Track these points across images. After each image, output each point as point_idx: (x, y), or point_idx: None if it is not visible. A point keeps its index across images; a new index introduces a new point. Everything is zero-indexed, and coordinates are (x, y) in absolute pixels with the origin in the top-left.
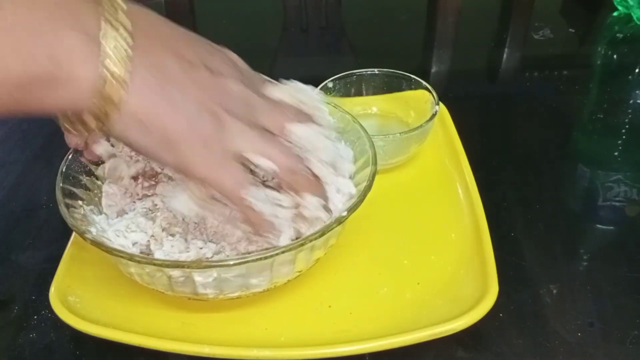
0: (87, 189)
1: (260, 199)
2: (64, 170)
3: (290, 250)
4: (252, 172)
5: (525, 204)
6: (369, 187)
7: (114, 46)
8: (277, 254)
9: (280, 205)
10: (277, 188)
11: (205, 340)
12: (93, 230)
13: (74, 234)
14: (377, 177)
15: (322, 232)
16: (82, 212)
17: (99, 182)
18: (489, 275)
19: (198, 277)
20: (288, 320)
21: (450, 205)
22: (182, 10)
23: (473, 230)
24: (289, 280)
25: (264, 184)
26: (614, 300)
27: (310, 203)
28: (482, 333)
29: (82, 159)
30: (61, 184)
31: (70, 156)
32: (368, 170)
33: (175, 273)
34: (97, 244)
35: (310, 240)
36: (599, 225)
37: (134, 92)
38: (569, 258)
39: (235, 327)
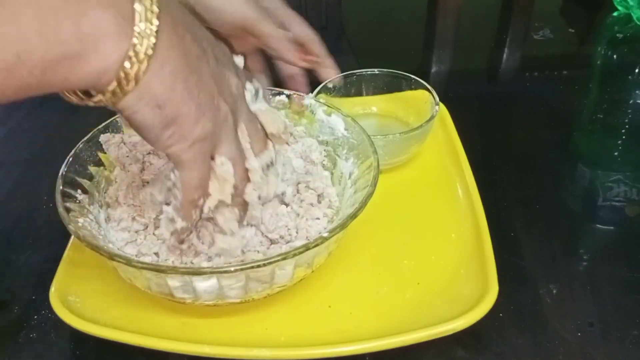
0: (86, 192)
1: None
2: (64, 173)
3: (291, 256)
4: None
5: (525, 204)
6: (371, 194)
7: (144, 27)
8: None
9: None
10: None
11: (205, 340)
12: (92, 230)
13: None
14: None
15: (306, 248)
16: (81, 215)
17: (101, 185)
18: (489, 275)
19: (199, 283)
20: (288, 320)
21: (450, 205)
22: None
23: (473, 230)
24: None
25: None
26: (614, 300)
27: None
28: (482, 333)
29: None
30: (61, 187)
31: (70, 159)
32: (370, 176)
33: (174, 281)
34: (96, 248)
35: (294, 255)
36: (599, 225)
37: (155, 71)
38: (569, 258)
39: (236, 327)
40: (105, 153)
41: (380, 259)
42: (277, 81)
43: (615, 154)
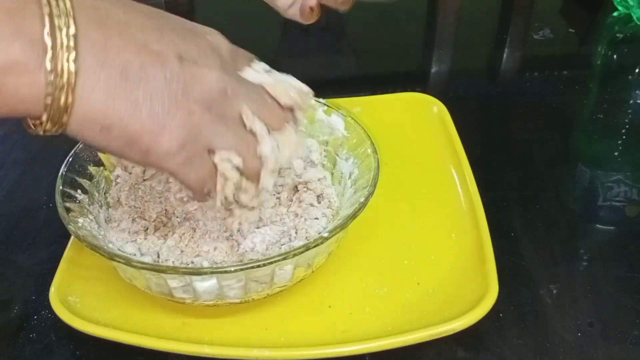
0: (86, 192)
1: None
2: (64, 173)
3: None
4: None
5: (525, 204)
6: (370, 194)
7: (60, 45)
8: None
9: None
10: None
11: (205, 340)
12: (92, 230)
13: None
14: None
15: (306, 248)
16: (81, 215)
17: (101, 185)
18: (489, 275)
19: (199, 283)
20: (288, 321)
21: (450, 205)
22: (182, 10)
23: (473, 230)
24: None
25: None
26: (614, 300)
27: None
28: (482, 333)
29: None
30: (61, 187)
31: (70, 159)
32: (370, 176)
33: (174, 282)
34: (96, 248)
35: (294, 255)
36: (599, 225)
37: (84, 93)
38: (569, 258)
39: (236, 327)
40: (105, 153)
41: (380, 259)
42: None
43: (615, 154)
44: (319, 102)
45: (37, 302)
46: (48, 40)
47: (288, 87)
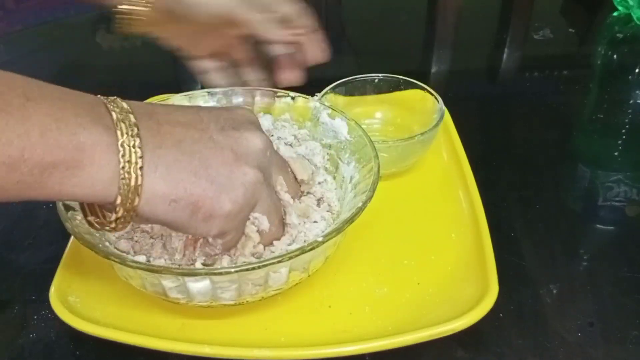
0: None
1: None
2: None
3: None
4: None
5: (525, 204)
6: (369, 198)
7: (126, 135)
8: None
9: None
10: None
11: (205, 340)
12: (89, 228)
13: None
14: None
15: (301, 251)
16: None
17: None
18: (489, 275)
19: (192, 284)
20: (288, 321)
21: (450, 205)
22: None
23: (473, 230)
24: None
25: None
26: (614, 300)
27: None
28: (482, 333)
29: None
30: None
31: None
32: (370, 180)
33: (168, 282)
34: (92, 246)
35: (293, 257)
36: (599, 225)
37: (149, 171)
38: (569, 258)
39: (236, 327)
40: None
41: (380, 259)
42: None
43: (615, 154)
44: (324, 105)
45: (37, 302)
46: (117, 129)
47: (306, 164)
